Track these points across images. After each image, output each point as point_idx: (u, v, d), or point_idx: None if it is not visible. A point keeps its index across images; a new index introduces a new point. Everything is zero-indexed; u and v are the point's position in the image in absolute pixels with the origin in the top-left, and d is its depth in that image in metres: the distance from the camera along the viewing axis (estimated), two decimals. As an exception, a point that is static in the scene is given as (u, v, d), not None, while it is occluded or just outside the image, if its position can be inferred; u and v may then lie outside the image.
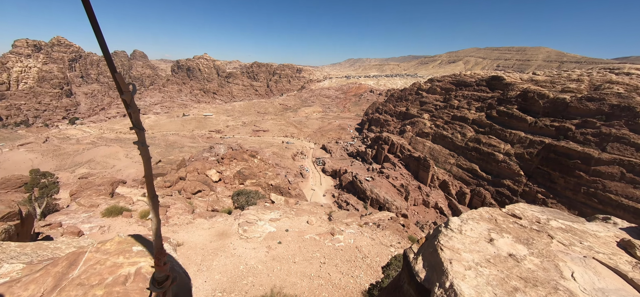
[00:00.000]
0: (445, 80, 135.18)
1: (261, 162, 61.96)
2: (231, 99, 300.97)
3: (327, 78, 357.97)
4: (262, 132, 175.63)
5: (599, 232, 4.47)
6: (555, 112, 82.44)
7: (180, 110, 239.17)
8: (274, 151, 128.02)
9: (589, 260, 3.55)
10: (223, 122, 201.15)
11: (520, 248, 3.60)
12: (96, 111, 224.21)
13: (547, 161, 74.92)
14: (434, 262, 3.22)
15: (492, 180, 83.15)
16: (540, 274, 3.09)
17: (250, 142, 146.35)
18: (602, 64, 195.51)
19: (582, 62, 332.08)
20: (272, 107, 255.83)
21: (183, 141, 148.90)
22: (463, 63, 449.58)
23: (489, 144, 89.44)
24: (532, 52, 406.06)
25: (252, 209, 28.54)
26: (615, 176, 62.24)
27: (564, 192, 68.93)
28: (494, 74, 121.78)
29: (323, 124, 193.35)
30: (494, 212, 4.65)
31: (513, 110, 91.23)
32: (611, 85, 79.43)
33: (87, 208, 24.50)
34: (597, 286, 3.08)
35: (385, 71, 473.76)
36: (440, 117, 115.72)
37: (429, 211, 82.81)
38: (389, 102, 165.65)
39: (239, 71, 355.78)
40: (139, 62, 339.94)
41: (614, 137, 66.57)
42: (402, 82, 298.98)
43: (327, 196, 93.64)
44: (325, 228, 23.83)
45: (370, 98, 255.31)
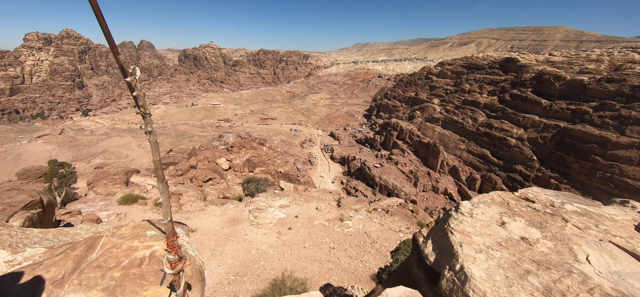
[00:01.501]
0: (456, 64, 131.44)
1: (270, 150, 62.39)
2: (238, 88, 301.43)
3: (334, 64, 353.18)
4: (270, 120, 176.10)
5: (616, 216, 4.34)
6: (572, 94, 79.41)
7: (188, 99, 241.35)
8: (282, 138, 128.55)
9: (605, 243, 3.46)
10: (231, 111, 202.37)
11: (533, 231, 3.53)
12: (108, 102, 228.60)
13: (561, 146, 72.82)
14: (443, 245, 3.20)
15: (504, 165, 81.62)
16: (553, 257, 3.03)
17: (258, 130, 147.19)
18: (624, 43, 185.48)
19: (603, 40, 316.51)
20: (279, 95, 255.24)
21: (193, 131, 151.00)
22: (475, 45, 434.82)
23: (501, 129, 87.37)
24: (549, 32, 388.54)
25: (262, 196, 28.98)
26: (634, 160, 60.11)
27: (578, 177, 67.17)
28: (507, 55, 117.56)
29: (331, 111, 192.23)
30: (506, 196, 4.57)
31: (527, 94, 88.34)
32: (633, 65, 75.65)
33: (104, 196, 25.35)
34: (613, 269, 3.00)
35: (394, 55, 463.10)
36: (450, 102, 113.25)
37: (438, 197, 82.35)
38: (398, 87, 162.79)
39: (246, 59, 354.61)
40: (147, 52, 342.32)
41: (634, 120, 63.90)
42: (412, 66, 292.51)
43: (335, 182, 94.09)
44: (334, 214, 24.05)
45: (378, 83, 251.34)
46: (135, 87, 1.88)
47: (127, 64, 1.76)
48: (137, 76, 1.93)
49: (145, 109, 2.05)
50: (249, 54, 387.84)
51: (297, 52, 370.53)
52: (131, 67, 1.86)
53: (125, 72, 1.84)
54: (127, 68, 1.84)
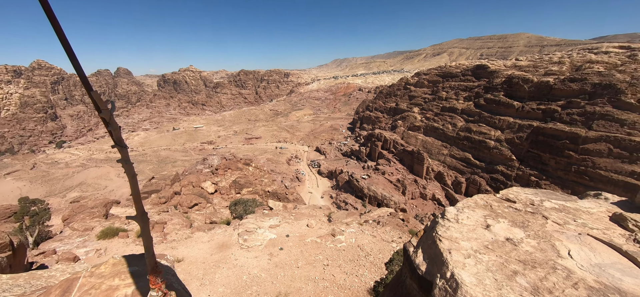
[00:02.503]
0: (432, 73, 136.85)
1: (256, 170, 61.56)
2: (221, 109, 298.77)
3: (315, 80, 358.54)
4: (254, 140, 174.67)
5: (592, 208, 4.56)
6: (540, 95, 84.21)
7: (169, 124, 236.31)
8: (268, 157, 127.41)
9: (584, 237, 3.62)
10: (214, 133, 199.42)
11: (517, 231, 3.64)
12: (83, 132, 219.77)
13: (536, 144, 76.38)
14: (433, 253, 3.24)
15: (486, 167, 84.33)
16: (538, 256, 3.13)
17: (243, 150, 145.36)
18: (580, 45, 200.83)
19: (562, 44, 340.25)
20: (262, 114, 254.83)
21: (175, 155, 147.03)
22: (447, 55, 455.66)
23: (479, 132, 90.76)
24: (513, 39, 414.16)
25: (250, 217, 28.31)
26: (603, 152, 63.81)
27: (556, 172, 70.33)
28: (478, 63, 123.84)
29: (315, 126, 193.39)
30: (488, 198, 4.71)
31: (500, 97, 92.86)
32: (591, 65, 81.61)
33: (82, 232, 23.93)
34: (593, 261, 3.13)
35: (372, 69, 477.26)
36: (429, 110, 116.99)
37: (426, 203, 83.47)
38: (379, 99, 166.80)
39: (227, 81, 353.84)
40: (124, 79, 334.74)
41: (599, 115, 68.33)
42: (390, 78, 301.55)
43: (325, 197, 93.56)
44: (325, 230, 23.76)
45: (359, 97, 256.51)
46: (110, 121, 1.84)
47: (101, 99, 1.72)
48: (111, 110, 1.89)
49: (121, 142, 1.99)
50: (229, 76, 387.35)
51: (278, 71, 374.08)
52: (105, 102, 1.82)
53: (98, 107, 1.79)
54: (101, 103, 1.80)
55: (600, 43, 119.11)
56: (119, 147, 2.00)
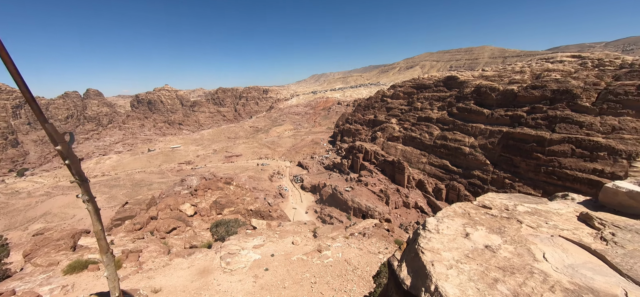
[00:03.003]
0: (407, 85, 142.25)
1: (238, 188, 60.00)
2: (199, 128, 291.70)
3: (294, 96, 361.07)
4: (235, 157, 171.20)
5: (561, 209, 4.82)
6: (507, 102, 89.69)
7: (144, 145, 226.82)
8: (249, 174, 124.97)
9: (556, 238, 3.79)
10: (193, 153, 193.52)
11: (495, 238, 3.75)
12: (49, 158, 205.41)
13: (507, 148, 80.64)
14: (417, 266, 3.25)
15: (463, 172, 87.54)
16: (516, 261, 3.22)
17: (223, 169, 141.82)
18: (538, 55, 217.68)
19: (522, 55, 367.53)
20: (242, 131, 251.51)
21: (151, 178, 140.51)
22: (420, 67, 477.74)
23: (454, 140, 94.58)
24: (479, 51, 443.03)
25: (233, 238, 27.32)
26: (567, 152, 68.43)
27: (527, 174, 74.28)
28: (449, 74, 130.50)
29: (296, 141, 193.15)
30: (466, 206, 4.85)
31: (471, 106, 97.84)
32: (549, 73, 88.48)
33: (46, 268, 21.93)
34: (566, 262, 3.27)
35: (349, 83, 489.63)
36: (407, 120, 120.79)
37: (410, 211, 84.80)
38: (357, 111, 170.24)
39: (204, 99, 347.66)
40: (94, 100, 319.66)
41: (560, 118, 73.62)
42: (367, 91, 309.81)
43: (309, 212, 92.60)
44: (311, 246, 23.35)
45: (338, 110, 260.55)
46: (68, 154, 1.70)
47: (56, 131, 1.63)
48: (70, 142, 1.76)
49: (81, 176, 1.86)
50: (207, 94, 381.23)
51: (257, 88, 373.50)
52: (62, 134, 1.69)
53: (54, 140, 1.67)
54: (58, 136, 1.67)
55: (554, 53, 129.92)
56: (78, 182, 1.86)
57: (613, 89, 70.70)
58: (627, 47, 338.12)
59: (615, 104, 68.50)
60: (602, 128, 66.83)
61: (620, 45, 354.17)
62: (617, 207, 5.02)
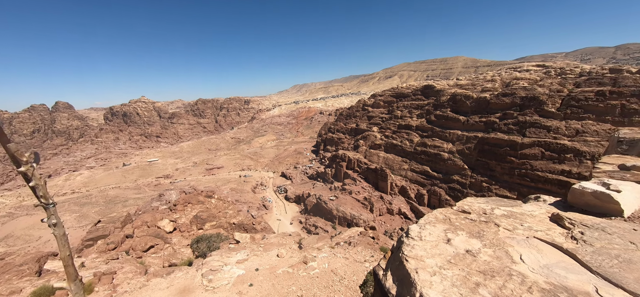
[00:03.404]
0: (386, 94, 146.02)
1: (219, 202, 58.36)
2: (178, 140, 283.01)
3: (276, 106, 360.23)
4: (216, 170, 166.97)
5: (534, 211, 5.06)
6: (480, 109, 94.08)
7: (119, 160, 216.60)
8: (232, 186, 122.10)
9: (531, 240, 3.97)
10: (171, 166, 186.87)
11: (474, 242, 3.87)
12: (11, 176, 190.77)
13: (483, 153, 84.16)
14: (402, 275, 3.28)
15: (443, 178, 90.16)
16: (495, 264, 3.33)
17: (204, 182, 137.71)
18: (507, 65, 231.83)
19: (492, 65, 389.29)
20: (223, 142, 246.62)
21: (126, 194, 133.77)
22: (398, 77, 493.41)
23: (434, 146, 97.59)
24: (453, 62, 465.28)
25: (215, 254, 26.38)
26: (538, 155, 72.41)
27: (502, 177, 77.65)
28: (426, 83, 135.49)
29: (279, 152, 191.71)
30: (446, 212, 4.98)
31: (447, 113, 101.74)
32: (517, 81, 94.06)
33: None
34: (542, 263, 3.42)
35: (331, 92, 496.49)
36: (388, 128, 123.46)
37: (394, 217, 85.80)
38: (340, 120, 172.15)
39: (183, 110, 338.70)
40: (64, 114, 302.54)
41: (529, 123, 78.06)
42: (348, 100, 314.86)
43: (294, 223, 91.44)
44: (297, 258, 22.98)
45: (321, 120, 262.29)
46: (32, 176, 1.64)
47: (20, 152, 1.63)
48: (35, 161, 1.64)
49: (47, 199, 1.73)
50: (186, 105, 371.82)
51: (238, 98, 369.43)
52: (26, 154, 1.63)
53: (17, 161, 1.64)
54: (21, 157, 1.65)
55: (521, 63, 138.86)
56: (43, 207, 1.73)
57: (575, 95, 76.16)
58: (585, 56, 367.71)
59: (578, 109, 73.73)
60: (567, 132, 71.51)
61: (579, 55, 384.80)
62: (585, 206, 5.34)
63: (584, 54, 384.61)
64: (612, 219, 4.88)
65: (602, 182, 5.51)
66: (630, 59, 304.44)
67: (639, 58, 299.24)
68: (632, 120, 64.45)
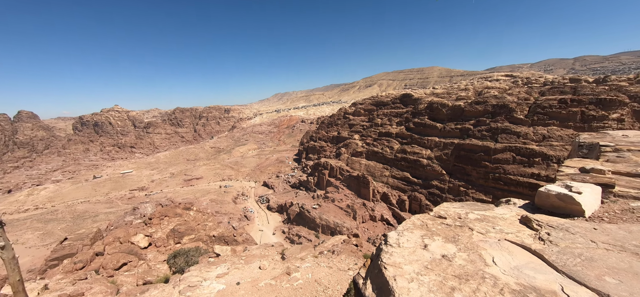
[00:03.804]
0: (367, 103, 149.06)
1: (198, 214, 56.34)
2: (154, 151, 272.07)
3: (257, 114, 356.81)
4: (195, 181, 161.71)
5: (505, 214, 5.30)
6: (456, 117, 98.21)
7: (89, 172, 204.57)
8: (211, 197, 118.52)
9: (503, 242, 4.14)
10: (147, 178, 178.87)
11: (450, 247, 3.98)
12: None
13: (460, 158, 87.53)
14: (381, 283, 3.30)
15: (423, 183, 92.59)
16: (469, 268, 3.43)
17: (182, 193, 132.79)
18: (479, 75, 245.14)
19: (465, 74, 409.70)
20: (203, 152, 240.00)
21: (97, 208, 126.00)
22: (377, 86, 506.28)
23: (413, 152, 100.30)
24: (429, 71, 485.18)
25: (193, 269, 25.32)
26: (509, 160, 76.30)
27: (478, 181, 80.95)
28: (404, 92, 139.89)
29: (261, 161, 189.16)
30: (424, 218, 5.10)
31: (425, 120, 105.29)
32: (489, 90, 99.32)
33: (-48, 330, 18.08)
34: (512, 264, 3.57)
35: (312, 101, 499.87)
36: (368, 136, 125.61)
37: (377, 224, 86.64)
38: (321, 129, 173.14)
39: (160, 119, 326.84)
40: (28, 124, 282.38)
41: (501, 130, 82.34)
42: (330, 109, 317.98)
43: (277, 233, 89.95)
44: (280, 269, 22.52)
45: (302, 128, 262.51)
46: None
47: None
48: None
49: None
50: (163, 114, 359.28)
51: (218, 107, 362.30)
52: None
53: None
54: None
55: (491, 73, 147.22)
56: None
57: (540, 103, 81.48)
58: (548, 67, 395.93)
59: (543, 116, 78.82)
60: (535, 137, 76.12)
61: (542, 66, 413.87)
62: (551, 208, 5.67)
63: (547, 65, 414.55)
64: (575, 220, 5.20)
65: (565, 184, 5.88)
66: (588, 69, 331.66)
67: (595, 69, 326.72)
68: (591, 126, 69.74)
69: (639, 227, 4.81)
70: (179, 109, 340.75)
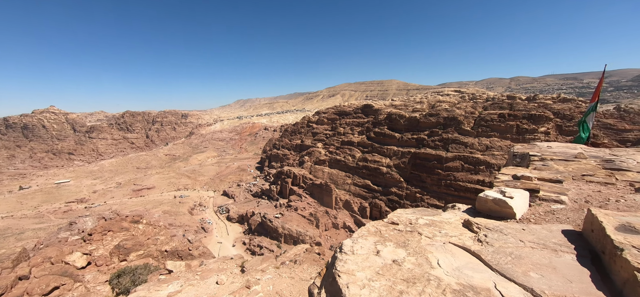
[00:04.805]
0: (330, 112, 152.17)
1: (149, 227, 51.71)
2: (97, 158, 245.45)
3: (218, 121, 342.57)
4: (146, 191, 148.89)
5: (451, 219, 5.74)
6: (412, 127, 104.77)
7: (14, 182, 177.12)
8: (165, 209, 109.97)
9: (447, 245, 4.47)
10: (88, 188, 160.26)
11: (400, 252, 4.18)
12: None
13: (416, 166, 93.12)
14: (334, 291, 3.33)
15: (383, 190, 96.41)
16: (417, 271, 3.64)
17: (130, 205, 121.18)
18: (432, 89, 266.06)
19: (420, 88, 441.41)
20: (156, 160, 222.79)
21: (22, 224, 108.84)
22: (340, 96, 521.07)
23: (374, 161, 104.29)
24: (388, 84, 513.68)
25: (141, 289, 23.03)
26: (459, 168, 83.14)
27: (432, 188, 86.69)
28: (365, 102, 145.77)
29: (221, 169, 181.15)
30: (378, 224, 5.30)
31: (384, 130, 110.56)
32: (440, 104, 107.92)
33: None
34: (454, 265, 3.87)
35: (276, 109, 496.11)
36: (331, 144, 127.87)
37: (339, 232, 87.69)
38: (285, 136, 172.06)
39: (106, 123, 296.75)
40: None
41: (451, 140, 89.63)
42: (293, 117, 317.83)
43: (237, 245, 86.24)
44: (239, 283, 21.49)
45: (265, 136, 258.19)
46: None
47: None
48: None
49: None
50: (110, 118, 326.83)
51: (174, 112, 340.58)
52: None
53: None
54: None
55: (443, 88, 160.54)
56: None
57: (484, 117, 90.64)
58: (490, 85, 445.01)
59: (486, 128, 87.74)
60: (480, 147, 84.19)
61: (485, 84, 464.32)
62: (489, 212, 6.27)
63: (489, 83, 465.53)
64: (508, 222, 5.82)
65: (500, 190, 6.56)
66: (521, 88, 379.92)
67: (526, 88, 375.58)
68: (525, 138, 79.31)
69: (557, 226, 5.53)
70: (129, 112, 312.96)
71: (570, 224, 5.73)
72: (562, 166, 9.95)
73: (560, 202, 6.75)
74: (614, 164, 9.53)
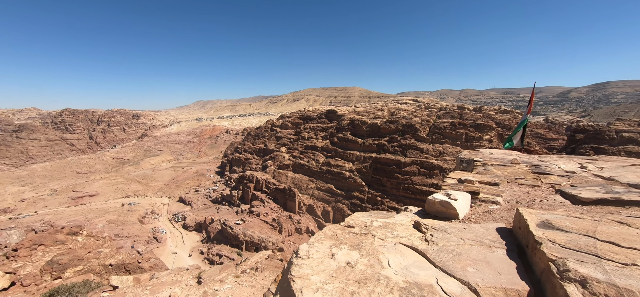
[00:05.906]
0: (294, 116, 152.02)
1: (90, 239, 46.37)
2: (27, 161, 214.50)
3: (175, 122, 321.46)
4: (87, 198, 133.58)
5: (402, 220, 6.11)
6: (373, 133, 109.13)
7: None
8: (110, 218, 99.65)
9: (397, 245, 4.75)
10: (14, 196, 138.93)
11: (354, 254, 4.34)
12: None
13: (377, 171, 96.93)
14: (288, 296, 3.35)
15: (346, 194, 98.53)
16: (368, 272, 3.81)
17: (68, 214, 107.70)
18: (392, 98, 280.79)
19: (381, 96, 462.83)
20: (100, 164, 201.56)
21: None
22: (305, 101, 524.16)
23: (337, 165, 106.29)
24: (351, 91, 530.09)
25: (76, 309, 20.57)
26: (415, 172, 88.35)
27: (392, 191, 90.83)
28: (329, 108, 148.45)
29: (177, 174, 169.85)
30: (335, 228, 5.44)
31: (347, 136, 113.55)
32: (399, 111, 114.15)
33: None
34: (402, 264, 4.13)
35: (238, 111, 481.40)
36: (295, 149, 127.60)
37: (302, 236, 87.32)
38: (247, 140, 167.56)
39: (40, 122, 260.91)
40: None
41: (409, 146, 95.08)
42: (257, 120, 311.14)
43: (194, 254, 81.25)
44: (195, 295, 20.29)
45: (227, 139, 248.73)
46: None
47: None
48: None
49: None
50: (45, 116, 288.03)
51: (124, 111, 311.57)
52: None
53: None
54: None
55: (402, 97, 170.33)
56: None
57: (437, 125, 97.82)
58: (443, 96, 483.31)
59: (440, 135, 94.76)
60: (434, 153, 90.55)
61: (439, 94, 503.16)
62: (436, 213, 6.80)
63: (442, 94, 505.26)
64: (452, 222, 6.37)
65: (446, 193, 7.16)
66: (469, 100, 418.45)
67: (473, 100, 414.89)
68: (472, 145, 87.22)
69: (493, 225, 6.18)
70: (69, 110, 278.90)
71: (504, 222, 6.45)
72: (499, 170, 11.17)
73: (496, 202, 7.57)
74: (541, 168, 10.95)
